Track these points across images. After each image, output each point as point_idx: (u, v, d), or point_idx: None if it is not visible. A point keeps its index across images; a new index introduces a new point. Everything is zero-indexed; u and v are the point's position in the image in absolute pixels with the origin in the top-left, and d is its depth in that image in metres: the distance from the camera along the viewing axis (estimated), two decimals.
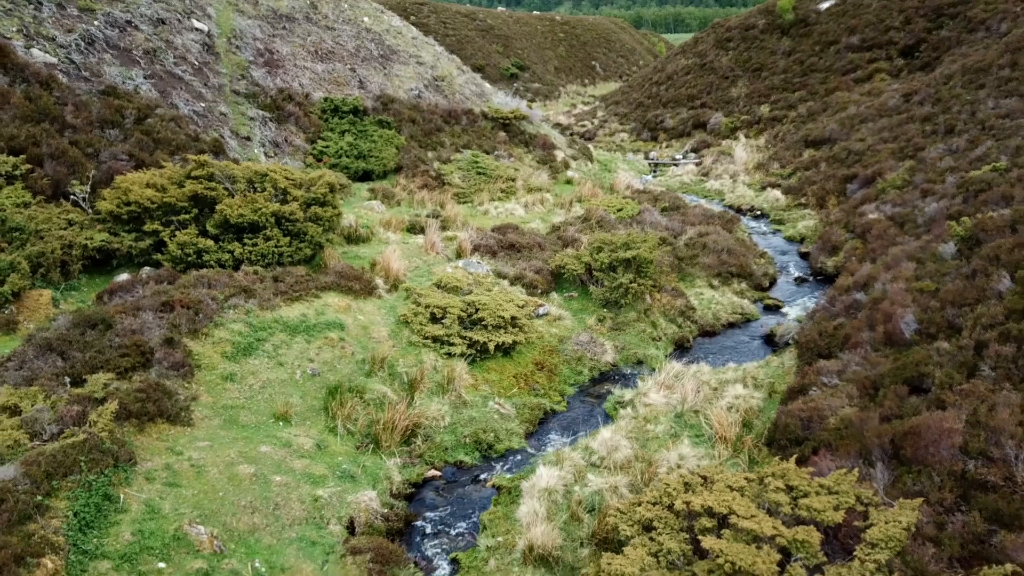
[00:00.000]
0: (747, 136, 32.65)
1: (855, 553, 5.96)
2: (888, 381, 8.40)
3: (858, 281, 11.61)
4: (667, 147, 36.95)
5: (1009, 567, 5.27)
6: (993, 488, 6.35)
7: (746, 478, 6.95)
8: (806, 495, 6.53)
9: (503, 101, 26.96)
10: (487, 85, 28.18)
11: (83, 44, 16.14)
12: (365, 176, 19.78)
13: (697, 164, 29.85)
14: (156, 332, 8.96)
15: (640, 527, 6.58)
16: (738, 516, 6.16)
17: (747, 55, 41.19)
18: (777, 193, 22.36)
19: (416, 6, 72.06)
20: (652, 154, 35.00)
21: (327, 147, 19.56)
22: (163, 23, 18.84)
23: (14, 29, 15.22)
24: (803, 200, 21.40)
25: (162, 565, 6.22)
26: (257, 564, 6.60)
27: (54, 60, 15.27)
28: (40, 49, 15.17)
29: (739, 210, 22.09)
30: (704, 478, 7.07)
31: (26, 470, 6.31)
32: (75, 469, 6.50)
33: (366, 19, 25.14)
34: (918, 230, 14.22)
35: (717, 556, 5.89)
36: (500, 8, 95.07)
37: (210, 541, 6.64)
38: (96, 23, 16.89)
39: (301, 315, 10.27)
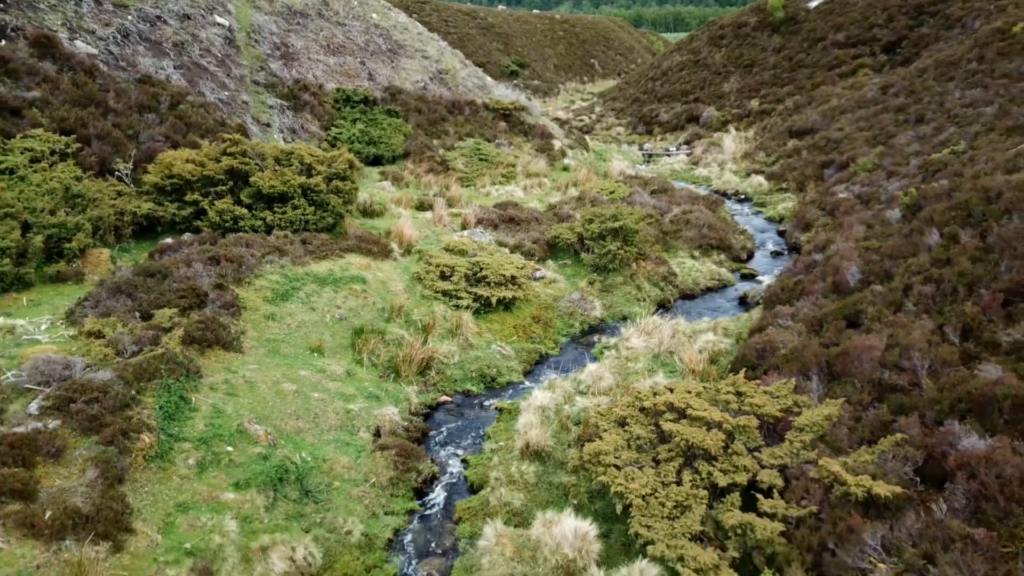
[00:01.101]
0: (737, 129, 34.10)
1: (786, 436, 7.48)
2: (831, 319, 9.91)
3: (817, 245, 13.12)
4: (661, 140, 38.42)
5: (899, 436, 6.77)
6: (901, 390, 7.84)
7: (704, 386, 8.46)
8: (752, 397, 8.04)
9: (503, 93, 28.45)
10: (488, 78, 29.66)
11: (119, 37, 17.63)
12: (375, 161, 21.26)
13: (688, 154, 31.33)
14: (207, 280, 10.46)
15: (615, 423, 8.09)
16: (693, 409, 7.67)
17: (739, 52, 42.65)
18: (761, 179, 23.84)
19: (418, 4, 73.43)
20: (647, 146, 36.45)
21: (340, 133, 21.04)
22: (188, 18, 20.32)
23: (59, 23, 16.70)
24: (784, 185, 22.88)
25: (230, 449, 7.73)
26: (304, 455, 8.10)
27: (95, 51, 16.76)
28: (83, 41, 16.66)
29: (724, 194, 23.57)
30: (670, 389, 8.57)
31: (119, 374, 7.81)
32: (157, 375, 8.00)
33: (374, 15, 26.63)
34: (880, 206, 15.70)
35: (675, 437, 7.39)
36: (500, 7, 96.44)
37: (265, 436, 8.14)
38: (130, 18, 18.37)
39: (328, 270, 11.78)
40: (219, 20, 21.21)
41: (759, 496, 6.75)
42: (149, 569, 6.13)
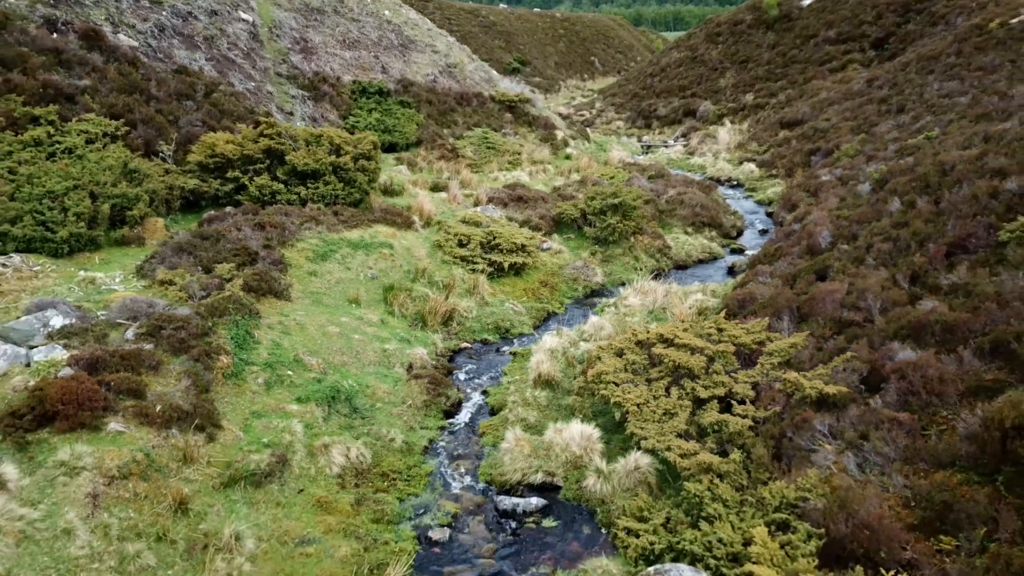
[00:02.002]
0: (732, 122, 35.50)
1: (758, 361, 8.92)
2: (803, 274, 11.35)
3: (797, 216, 14.56)
4: (659, 133, 39.84)
5: (849, 354, 8.19)
6: (856, 324, 9.27)
7: (691, 323, 9.90)
8: (731, 331, 9.47)
9: (509, 86, 29.88)
10: (494, 72, 31.08)
11: (156, 31, 19.06)
12: (390, 148, 22.68)
13: (684, 146, 32.76)
14: (255, 242, 11.90)
15: (614, 354, 9.52)
16: (680, 338, 9.11)
17: (735, 48, 44.09)
18: (752, 166, 25.28)
19: (421, 3, 74.82)
20: (645, 139, 37.87)
21: (357, 122, 22.46)
22: (216, 14, 21.73)
23: (102, 18, 18.13)
24: (774, 172, 24.32)
25: (290, 373, 9.17)
26: (350, 382, 9.53)
27: (136, 44, 18.18)
28: (124, 35, 18.08)
29: (718, 181, 24.99)
30: (660, 329, 10.00)
31: (195, 311, 9.24)
32: (226, 313, 9.43)
33: (387, 12, 28.06)
34: (855, 183, 17.13)
35: (665, 360, 8.83)
36: (502, 5, 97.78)
37: (318, 365, 9.58)
38: (164, 13, 19.79)
39: (359, 236, 13.21)
40: (243, 16, 22.63)
41: (733, 403, 8.19)
42: (237, 455, 7.57)
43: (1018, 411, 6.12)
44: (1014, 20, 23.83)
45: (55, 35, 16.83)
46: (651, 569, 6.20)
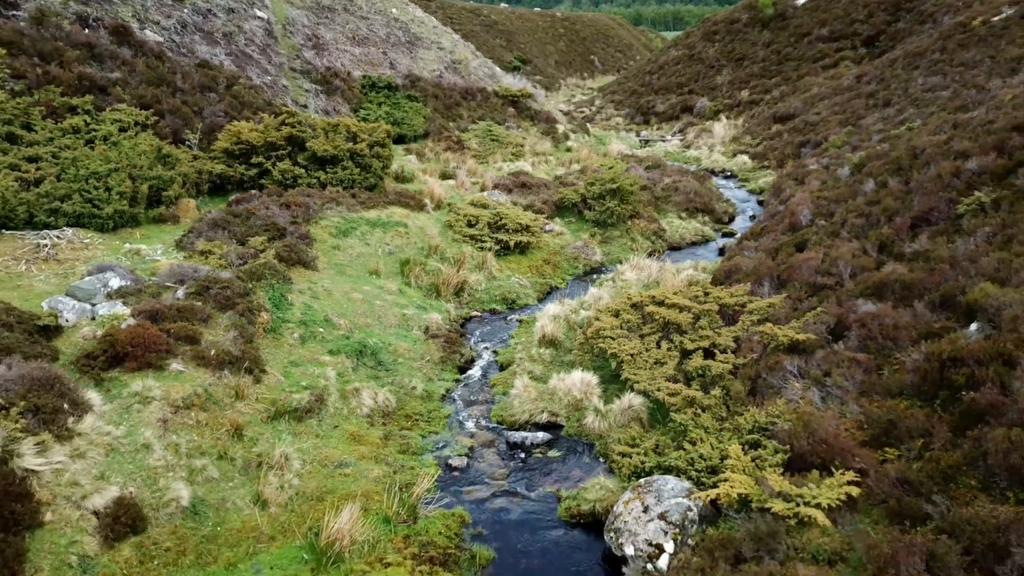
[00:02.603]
0: (728, 117, 36.57)
1: (739, 319, 9.99)
2: (784, 247, 12.42)
3: (782, 199, 15.63)
4: (657, 129, 40.89)
5: (819, 309, 9.26)
6: (829, 287, 10.34)
7: (681, 289, 10.96)
8: (716, 294, 10.54)
9: (511, 82, 30.95)
10: (497, 68, 32.16)
11: (179, 27, 20.13)
12: (399, 140, 23.73)
13: (681, 139, 33.82)
14: (282, 219, 12.96)
15: (611, 314, 10.59)
16: (670, 299, 10.18)
17: (731, 47, 45.15)
18: (745, 158, 26.35)
19: (424, 2, 75.84)
20: (643, 134, 38.92)
21: (368, 115, 23.52)
22: (233, 11, 22.79)
23: (129, 15, 19.19)
24: (766, 163, 25.39)
25: (321, 330, 10.24)
26: (374, 339, 10.60)
27: (161, 39, 19.25)
28: (150, 31, 19.14)
29: (712, 172, 26.05)
30: (653, 292, 11.07)
31: (236, 275, 10.31)
32: (263, 277, 10.50)
33: (394, 10, 29.13)
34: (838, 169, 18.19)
35: (656, 317, 9.90)
36: (503, 4, 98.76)
37: (345, 325, 10.65)
38: (186, 11, 20.85)
39: (376, 216, 14.29)
40: (259, 14, 23.69)
41: (716, 353, 9.26)
42: (280, 395, 8.64)
43: (954, 346, 7.20)
44: (995, 18, 24.90)
45: (87, 31, 17.91)
46: (641, 480, 7.27)
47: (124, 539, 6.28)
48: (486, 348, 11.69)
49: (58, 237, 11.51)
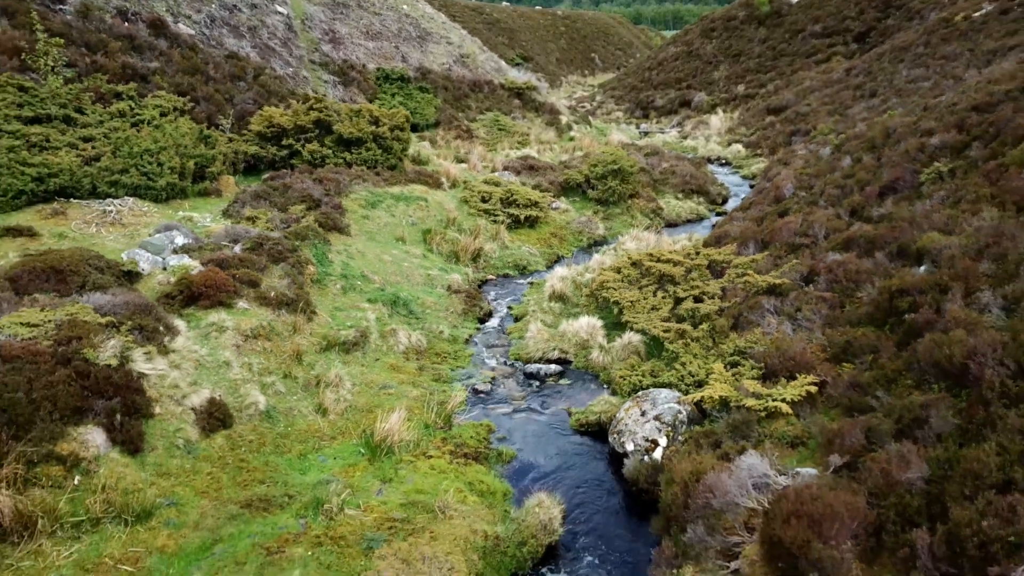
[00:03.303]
0: (724, 111, 37.96)
1: (726, 272, 11.39)
2: (769, 215, 13.82)
3: (769, 177, 17.02)
4: (657, 123, 42.28)
5: (794, 261, 10.66)
6: (805, 245, 11.73)
7: (676, 249, 12.36)
8: (706, 251, 11.94)
9: (516, 75, 32.34)
10: (503, 62, 33.54)
11: (208, 21, 21.52)
12: (412, 128, 25.05)
13: (679, 131, 35.21)
14: (316, 192, 14.36)
15: (613, 271, 11.99)
16: (665, 256, 11.58)
17: (729, 43, 46.54)
18: (740, 147, 27.75)
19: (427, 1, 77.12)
20: (643, 126, 40.31)
21: (382, 104, 24.88)
22: (256, 7, 24.18)
23: (163, 9, 20.58)
24: (759, 151, 26.79)
25: (359, 283, 11.64)
26: (405, 293, 12.00)
27: (193, 32, 20.64)
28: (183, 24, 20.54)
29: (708, 159, 27.43)
30: (650, 251, 12.47)
31: (283, 234, 11.72)
32: (307, 237, 11.90)
33: (405, 7, 30.52)
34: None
35: (652, 271, 11.30)
36: (505, 3, 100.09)
37: (379, 280, 12.05)
38: (214, 6, 22.24)
39: (399, 191, 15.69)
40: (279, 9, 25.08)
41: (705, 299, 10.66)
42: (330, 331, 10.04)
43: (901, 279, 8.60)
44: (976, 14, 26.29)
45: (126, 24, 19.30)
46: (639, 392, 8.67)
47: (217, 431, 7.68)
48: (502, 305, 13.09)
49: (120, 205, 12.90)
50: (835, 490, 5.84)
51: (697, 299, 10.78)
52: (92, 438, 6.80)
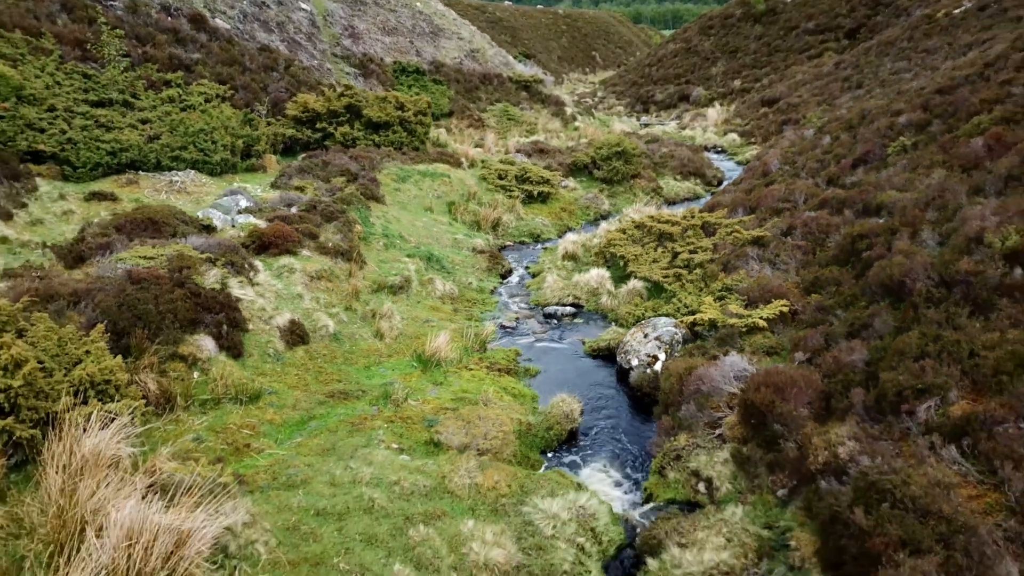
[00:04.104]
0: (721, 104, 39.67)
1: (717, 232, 13.10)
2: (756, 186, 15.53)
3: (758, 156, 18.73)
4: (656, 116, 43.98)
5: (775, 219, 12.37)
6: (787, 209, 13.44)
7: (672, 213, 14.08)
8: (699, 215, 13.66)
9: (523, 69, 34.05)
10: (511, 57, 35.22)
11: (241, 16, 23.22)
12: None
13: (677, 123, 36.92)
14: (353, 167, 16.07)
15: (620, 231, 13.70)
16: (664, 217, 13.30)
17: (726, 40, 48.26)
18: (735, 136, 29.46)
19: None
20: (643, 119, 42.01)
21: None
22: (282, 4, 25.89)
23: (201, 6, 22.29)
24: (753, 140, 28.50)
25: (398, 241, 13.36)
26: (436, 252, 13.71)
27: (228, 27, 22.34)
28: (220, 19, 22.24)
29: (705, 147, 29.15)
30: (651, 213, 14.19)
31: (331, 200, 13.42)
32: (351, 202, 13.61)
33: (418, 4, 32.23)
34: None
35: (653, 230, 13.02)
36: (507, 2, 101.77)
37: (413, 241, 13.76)
38: (245, 2, 23.94)
39: (425, 168, 17.40)
40: (303, 6, 26.80)
41: (699, 251, 12.37)
42: (379, 277, 11.75)
43: (861, 227, 10.31)
44: (957, 10, 28.01)
45: (169, 18, 21.01)
46: (642, 320, 10.38)
47: (297, 345, 9.39)
48: (519, 266, 14.81)
49: (184, 177, 14.61)
50: (796, 369, 7.57)
51: (692, 252, 12.49)
52: (205, 344, 8.51)
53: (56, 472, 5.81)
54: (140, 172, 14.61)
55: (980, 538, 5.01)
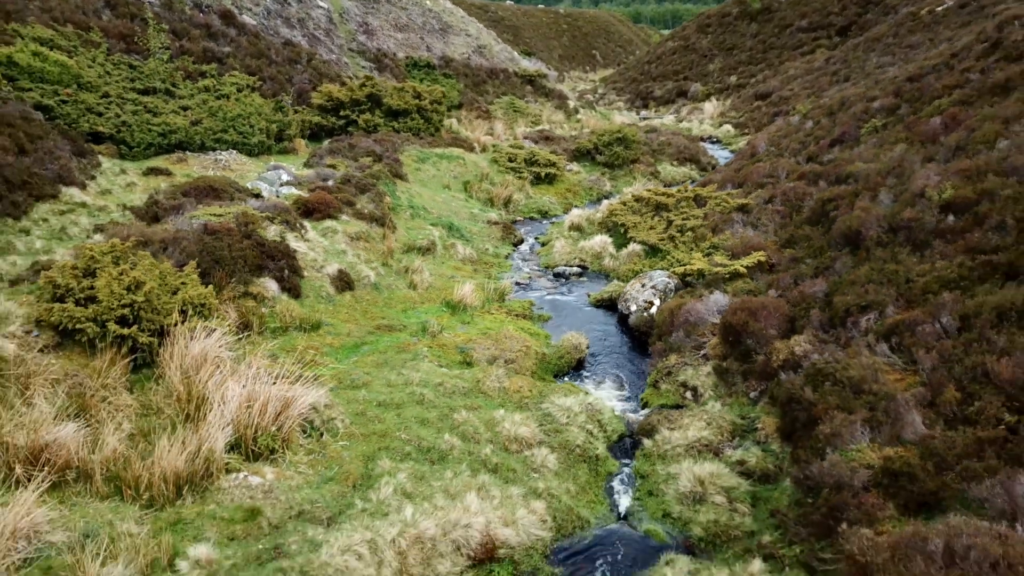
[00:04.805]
0: (718, 99, 41.21)
1: (707, 203, 14.68)
2: (744, 166, 17.10)
3: (749, 141, 20.31)
4: (655, 111, 45.52)
5: (760, 191, 13.93)
6: (770, 183, 14.99)
7: (667, 189, 15.65)
8: (692, 188, 15.23)
9: (528, 65, 35.62)
10: (516, 53, 36.78)
11: (265, 13, 24.79)
12: None
13: (675, 116, 38.48)
14: (377, 149, 17.64)
15: (621, 203, 15.26)
16: (659, 190, 14.86)
17: (722, 38, 49.82)
18: (729, 127, 31.04)
19: None
20: (642, 114, 43.57)
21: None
22: (301, 1, 27.45)
23: (229, 3, 23.85)
24: (746, 131, 30.07)
25: (422, 212, 14.92)
26: (455, 222, 15.27)
27: (254, 23, 23.91)
28: (247, 15, 23.81)
29: (701, 138, 30.71)
30: (648, 186, 15.75)
31: (362, 175, 14.98)
32: (379, 178, 15.17)
33: (428, 2, 33.80)
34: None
35: (651, 201, 14.60)
36: (508, 2, 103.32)
37: (435, 213, 15.33)
38: (269, 0, 25.50)
39: (442, 152, 18.98)
40: (321, 4, 28.36)
41: (691, 219, 13.93)
42: (409, 240, 13.31)
43: (830, 192, 11.89)
44: (939, 8, 29.57)
45: (201, 14, 22.57)
46: (639, 273, 11.95)
47: (344, 291, 10.95)
48: (530, 237, 16.38)
49: (227, 156, 16.18)
50: (768, 298, 9.14)
51: (685, 219, 14.05)
52: (270, 285, 10.07)
53: (176, 368, 7.40)
54: (187, 152, 16.17)
55: (896, 402, 6.58)
